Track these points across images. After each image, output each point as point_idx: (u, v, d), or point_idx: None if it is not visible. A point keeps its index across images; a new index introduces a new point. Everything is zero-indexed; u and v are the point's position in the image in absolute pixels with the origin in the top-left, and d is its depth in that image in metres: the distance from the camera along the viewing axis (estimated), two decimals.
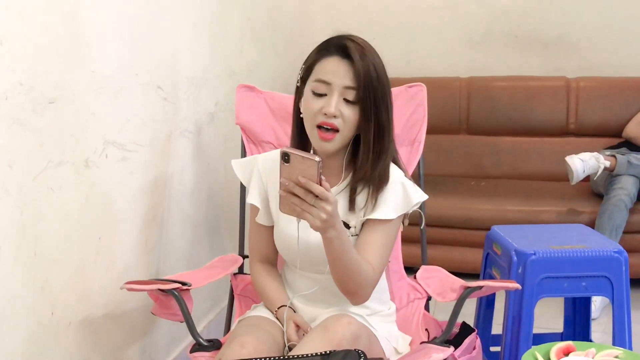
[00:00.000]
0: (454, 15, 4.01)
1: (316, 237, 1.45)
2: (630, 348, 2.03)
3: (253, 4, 2.87)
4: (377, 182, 1.58)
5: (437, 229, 3.14)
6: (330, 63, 1.53)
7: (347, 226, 1.59)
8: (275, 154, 1.69)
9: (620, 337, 2.02)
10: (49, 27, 1.46)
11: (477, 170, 3.81)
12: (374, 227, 1.58)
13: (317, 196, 1.32)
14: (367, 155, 1.55)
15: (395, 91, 2.06)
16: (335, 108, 1.50)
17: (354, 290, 1.52)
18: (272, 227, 1.71)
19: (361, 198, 1.60)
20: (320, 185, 1.33)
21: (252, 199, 1.70)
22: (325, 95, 1.52)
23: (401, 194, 1.60)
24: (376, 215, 1.57)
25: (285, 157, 1.32)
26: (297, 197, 1.33)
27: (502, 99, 3.79)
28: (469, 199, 3.36)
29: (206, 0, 2.34)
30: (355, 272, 1.48)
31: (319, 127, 1.53)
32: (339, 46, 1.53)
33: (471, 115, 3.85)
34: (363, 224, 1.60)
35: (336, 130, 1.53)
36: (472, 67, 3.98)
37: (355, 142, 1.60)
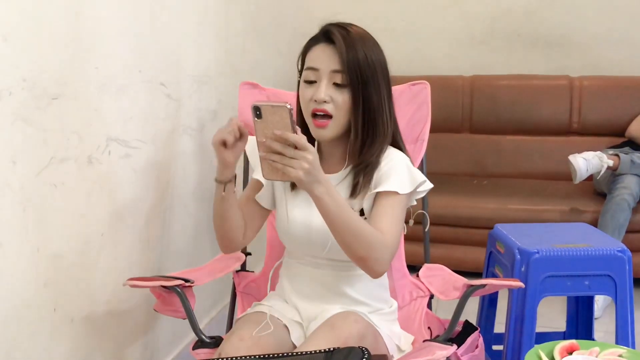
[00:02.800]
0: (457, 14, 4.01)
1: (318, 219, 1.44)
2: (633, 347, 2.03)
3: (256, 2, 2.87)
4: (372, 164, 1.56)
5: (439, 227, 3.13)
6: (317, 50, 1.54)
7: None
8: None
9: (623, 336, 2.01)
10: (52, 24, 1.46)
11: (480, 169, 3.81)
12: (382, 199, 1.53)
13: (295, 147, 1.29)
14: (357, 139, 1.54)
15: (398, 89, 2.06)
16: (325, 93, 1.49)
17: (365, 254, 1.43)
18: (265, 211, 1.69)
19: (361, 181, 1.57)
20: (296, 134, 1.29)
21: (258, 174, 1.65)
22: (315, 82, 1.52)
23: (406, 173, 1.56)
24: (383, 187, 1.53)
25: (257, 112, 1.28)
26: (276, 155, 1.29)
27: (505, 97, 3.79)
28: (472, 197, 3.36)
29: None
30: (359, 232, 1.41)
31: (314, 115, 1.52)
32: (323, 33, 1.54)
33: (474, 113, 3.84)
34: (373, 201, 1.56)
35: (329, 117, 1.52)
36: (475, 65, 3.98)
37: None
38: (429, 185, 1.62)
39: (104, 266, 1.73)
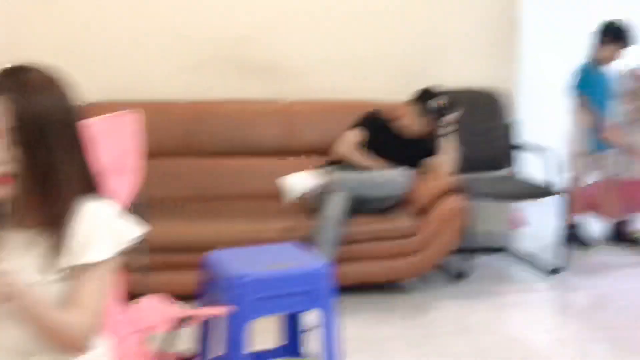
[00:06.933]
0: (176, 39, 4.02)
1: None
2: (336, 355, 2.19)
3: None
4: (59, 225, 1.45)
5: (160, 254, 3.07)
6: None
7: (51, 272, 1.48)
8: None
9: (328, 346, 2.17)
10: None
11: (201, 192, 3.85)
12: (84, 273, 1.44)
13: None
14: (25, 201, 1.42)
15: (105, 121, 2.02)
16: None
17: (67, 345, 1.41)
18: None
19: (55, 242, 1.44)
20: None
21: None
22: None
23: (107, 235, 1.48)
24: (80, 260, 1.43)
25: None
26: None
27: (224, 121, 3.91)
28: (192, 222, 3.39)
29: None
30: (61, 329, 1.38)
31: None
32: None
33: (193, 138, 3.90)
34: (72, 270, 1.45)
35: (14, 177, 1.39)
36: (193, 91, 4.03)
37: None
38: (139, 232, 1.53)
39: None
